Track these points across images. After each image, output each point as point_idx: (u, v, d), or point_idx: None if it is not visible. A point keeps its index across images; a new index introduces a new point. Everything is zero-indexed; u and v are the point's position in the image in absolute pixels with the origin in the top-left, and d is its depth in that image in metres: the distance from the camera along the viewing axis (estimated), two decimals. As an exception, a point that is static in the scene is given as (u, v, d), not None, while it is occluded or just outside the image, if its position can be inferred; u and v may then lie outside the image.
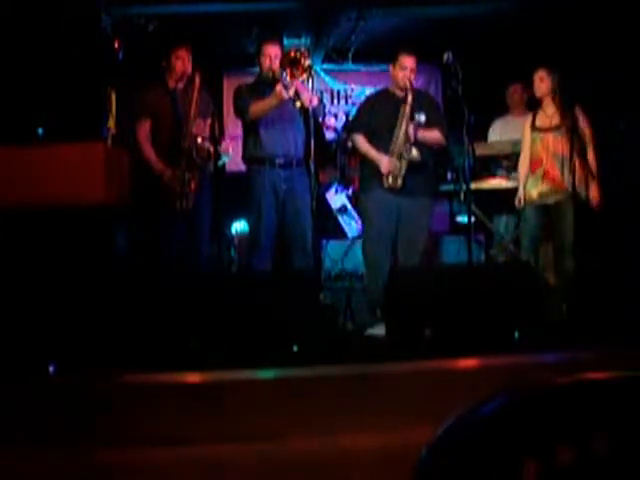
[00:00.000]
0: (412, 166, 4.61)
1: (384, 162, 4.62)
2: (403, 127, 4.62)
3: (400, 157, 4.60)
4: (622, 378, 1.06)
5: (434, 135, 4.74)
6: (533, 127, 4.80)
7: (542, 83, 4.74)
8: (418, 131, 4.62)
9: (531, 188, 4.78)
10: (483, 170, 5.33)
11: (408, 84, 4.62)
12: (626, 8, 5.25)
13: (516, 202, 4.86)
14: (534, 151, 4.79)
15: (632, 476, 1.04)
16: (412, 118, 4.60)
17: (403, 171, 4.60)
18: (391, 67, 4.75)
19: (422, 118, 4.62)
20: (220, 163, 4.67)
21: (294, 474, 2.62)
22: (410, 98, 4.60)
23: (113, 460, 2.65)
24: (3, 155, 3.78)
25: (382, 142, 4.67)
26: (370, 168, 4.71)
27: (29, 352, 3.30)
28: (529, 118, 4.89)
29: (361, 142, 4.78)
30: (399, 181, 4.60)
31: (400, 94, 4.70)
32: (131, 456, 2.67)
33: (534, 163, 4.78)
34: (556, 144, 4.67)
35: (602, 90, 5.22)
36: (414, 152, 4.57)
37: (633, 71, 5.27)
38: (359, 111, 5.04)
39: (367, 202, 4.79)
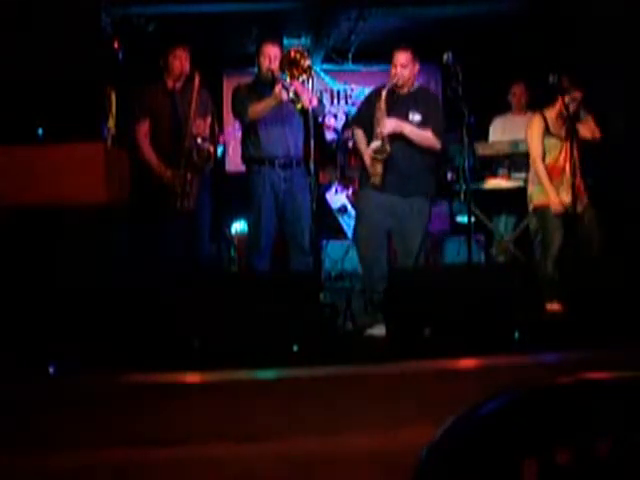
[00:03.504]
0: (406, 167, 4.54)
1: (366, 155, 4.58)
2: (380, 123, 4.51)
3: (377, 154, 4.50)
4: (622, 378, 1.06)
5: (425, 135, 4.56)
6: (547, 132, 4.73)
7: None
8: (404, 129, 4.52)
9: (562, 196, 4.67)
10: (484, 170, 5.33)
11: (394, 80, 4.54)
12: (625, 7, 5.25)
13: (528, 205, 4.78)
14: (554, 157, 4.72)
15: (632, 476, 1.04)
16: (407, 117, 4.56)
17: (379, 169, 4.50)
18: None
19: (416, 117, 4.57)
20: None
21: (294, 474, 2.62)
22: (384, 94, 4.52)
23: (113, 460, 2.65)
24: (3, 155, 3.78)
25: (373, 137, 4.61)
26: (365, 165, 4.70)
27: (29, 352, 3.30)
28: (538, 121, 4.80)
29: (359, 136, 4.76)
30: (377, 180, 4.52)
31: (397, 90, 4.64)
32: (131, 456, 2.67)
33: (556, 170, 4.71)
34: (572, 154, 4.59)
35: (604, 89, 5.22)
36: (387, 148, 4.46)
37: (633, 70, 5.27)
38: (360, 106, 5.03)
39: (361, 198, 4.80)
